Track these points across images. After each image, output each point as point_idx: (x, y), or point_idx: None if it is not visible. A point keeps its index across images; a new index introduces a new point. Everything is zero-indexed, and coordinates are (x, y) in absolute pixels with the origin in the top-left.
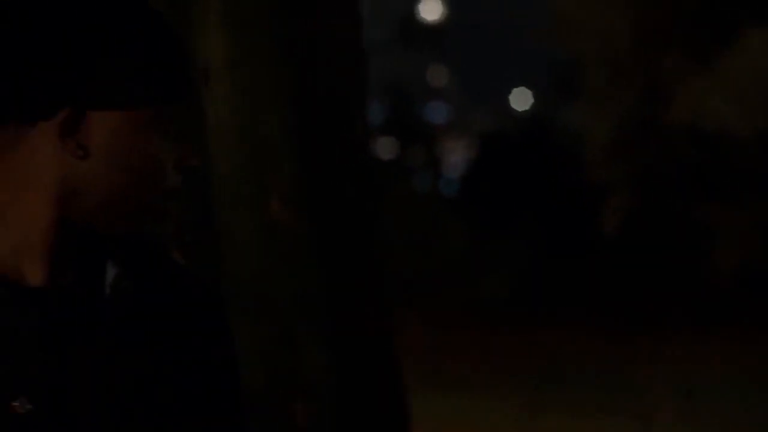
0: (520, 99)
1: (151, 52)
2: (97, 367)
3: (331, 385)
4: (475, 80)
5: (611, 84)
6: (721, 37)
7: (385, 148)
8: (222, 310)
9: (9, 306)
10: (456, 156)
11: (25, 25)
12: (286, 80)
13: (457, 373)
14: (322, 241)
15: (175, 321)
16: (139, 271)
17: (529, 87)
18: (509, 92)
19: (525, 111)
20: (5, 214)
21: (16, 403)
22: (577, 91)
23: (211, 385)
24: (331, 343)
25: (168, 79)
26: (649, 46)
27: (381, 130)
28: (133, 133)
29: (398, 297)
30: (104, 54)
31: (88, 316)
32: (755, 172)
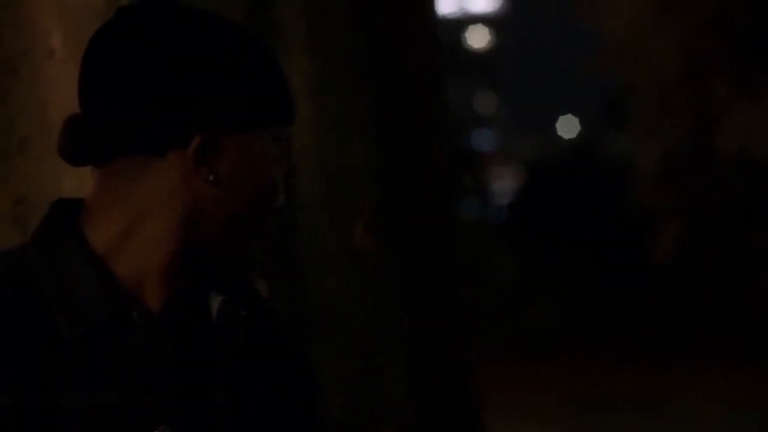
0: (567, 127)
1: (268, 77)
2: (219, 394)
3: (413, 413)
4: (523, 108)
5: (661, 112)
6: None
7: None
8: (302, 343)
9: (141, 332)
10: (503, 183)
11: (158, 59)
12: (369, 107)
13: (507, 401)
14: (405, 268)
15: (266, 351)
16: (236, 299)
17: (575, 115)
18: (556, 120)
19: (572, 138)
20: (128, 240)
21: None
22: (626, 119)
23: (298, 417)
24: (414, 371)
25: (283, 101)
26: (699, 75)
27: None
28: (258, 155)
29: None
30: (229, 82)
31: (204, 342)
32: None
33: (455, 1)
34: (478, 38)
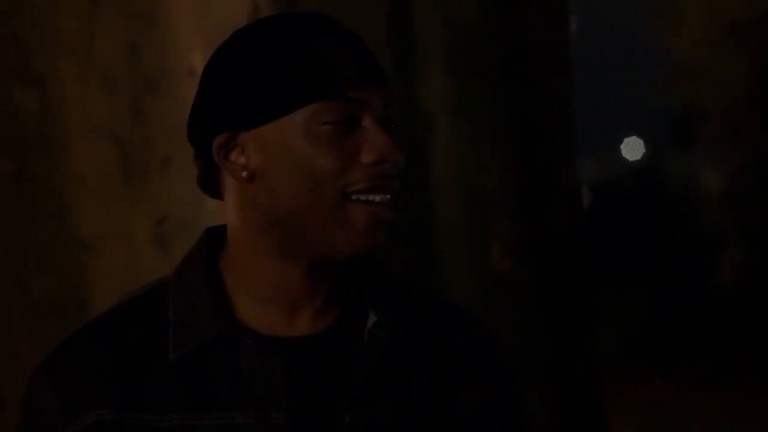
0: (632, 148)
1: (283, 61)
2: (344, 417)
3: None
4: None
5: (729, 134)
6: None
7: None
8: (505, 356)
9: (249, 352)
10: None
11: (206, 74)
12: (506, 129)
13: None
14: (540, 291)
15: (449, 370)
16: (401, 318)
17: (640, 137)
18: (620, 142)
19: (636, 161)
20: (234, 259)
21: None
22: (693, 141)
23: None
24: (548, 393)
25: (304, 78)
26: (767, 96)
27: None
28: (286, 142)
29: None
30: (237, 79)
31: (343, 364)
32: None
33: None
34: None
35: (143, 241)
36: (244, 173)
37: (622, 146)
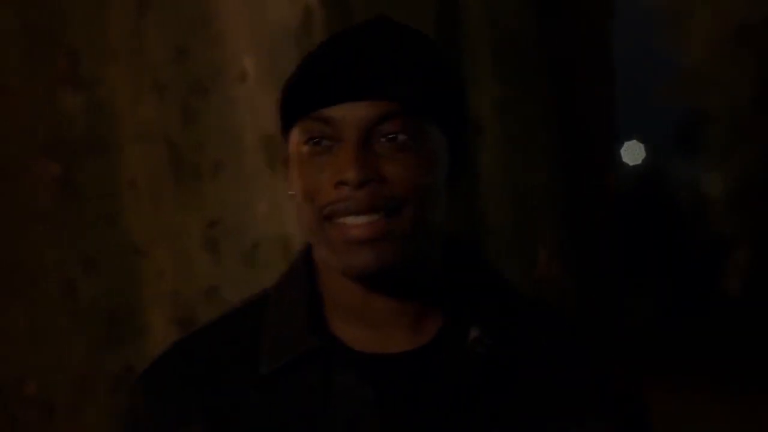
0: (632, 153)
1: (299, 69)
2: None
3: None
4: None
5: (733, 139)
6: None
7: None
8: (639, 394)
9: (348, 373)
10: None
11: None
12: (553, 133)
13: None
14: (585, 296)
15: (564, 396)
16: (505, 332)
17: (640, 141)
18: (621, 146)
19: (637, 165)
20: (320, 274)
21: None
22: (696, 145)
23: None
24: None
25: (298, 89)
26: None
27: None
28: (293, 154)
29: None
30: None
31: (439, 384)
32: None
33: None
34: None
35: (194, 245)
36: (289, 188)
37: (622, 150)
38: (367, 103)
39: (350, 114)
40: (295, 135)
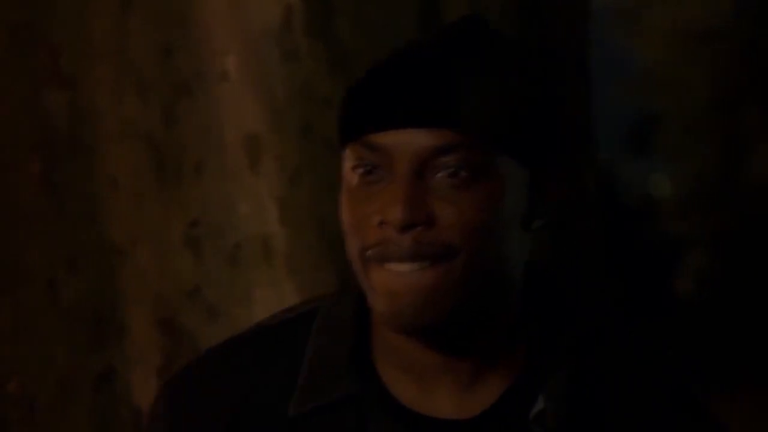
0: None
1: (353, 88)
2: None
3: None
4: None
5: (687, 139)
6: None
7: None
8: None
9: (373, 419)
10: None
11: None
12: None
13: None
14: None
15: None
16: (581, 400)
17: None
18: (597, 146)
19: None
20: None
21: None
22: (650, 145)
23: None
24: None
25: (346, 113)
26: (727, 103)
27: None
28: (343, 182)
29: None
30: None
31: None
32: None
33: None
34: None
35: (175, 245)
36: (339, 213)
37: None
38: (425, 131)
39: (404, 143)
40: (347, 156)
